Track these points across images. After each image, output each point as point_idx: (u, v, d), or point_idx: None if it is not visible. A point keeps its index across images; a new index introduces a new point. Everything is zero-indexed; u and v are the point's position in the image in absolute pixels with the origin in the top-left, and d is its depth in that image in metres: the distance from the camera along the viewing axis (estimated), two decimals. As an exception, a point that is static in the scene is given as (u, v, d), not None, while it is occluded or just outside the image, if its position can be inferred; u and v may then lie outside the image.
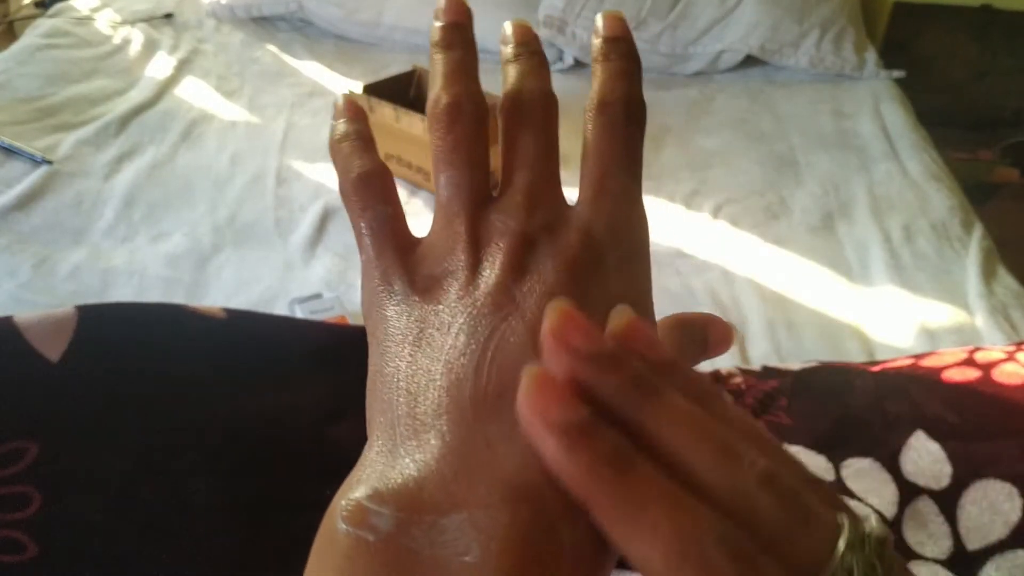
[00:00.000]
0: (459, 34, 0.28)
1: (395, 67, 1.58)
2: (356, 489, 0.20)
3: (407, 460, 0.20)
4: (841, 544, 0.17)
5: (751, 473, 0.18)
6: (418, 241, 0.26)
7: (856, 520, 0.18)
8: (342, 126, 0.28)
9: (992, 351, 0.85)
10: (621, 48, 0.27)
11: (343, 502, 0.20)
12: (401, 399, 0.22)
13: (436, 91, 0.27)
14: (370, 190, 0.26)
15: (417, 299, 0.24)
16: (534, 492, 0.19)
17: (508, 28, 0.28)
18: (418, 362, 0.22)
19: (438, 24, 0.28)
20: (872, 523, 0.18)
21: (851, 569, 0.17)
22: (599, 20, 0.27)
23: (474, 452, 0.20)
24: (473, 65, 0.28)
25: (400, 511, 0.19)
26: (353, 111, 0.29)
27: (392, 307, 0.24)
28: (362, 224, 0.25)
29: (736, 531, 0.17)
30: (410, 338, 0.23)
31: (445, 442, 0.20)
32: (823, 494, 0.19)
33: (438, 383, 0.22)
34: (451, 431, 0.20)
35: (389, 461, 0.21)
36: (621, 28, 0.27)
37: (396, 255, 0.25)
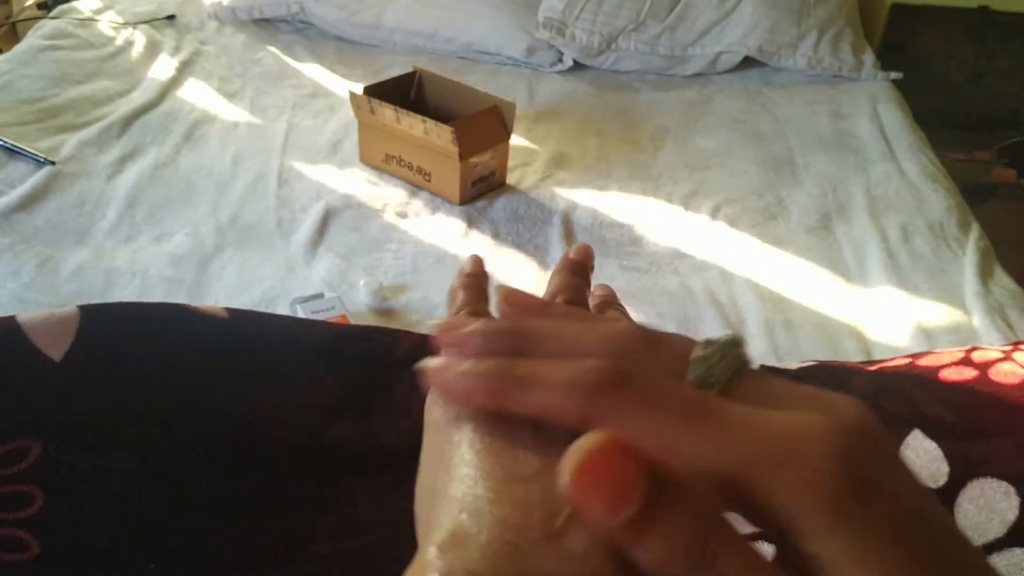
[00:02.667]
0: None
1: (396, 69, 1.59)
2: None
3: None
4: (698, 350, 0.23)
5: (607, 333, 0.24)
6: None
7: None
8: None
9: (989, 351, 0.86)
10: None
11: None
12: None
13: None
14: None
15: None
16: None
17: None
18: None
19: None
20: (725, 333, 0.24)
21: (709, 359, 0.23)
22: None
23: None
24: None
25: None
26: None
27: None
28: None
29: (608, 359, 0.21)
30: None
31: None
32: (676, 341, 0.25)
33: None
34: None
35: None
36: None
37: None
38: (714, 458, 0.20)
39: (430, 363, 0.24)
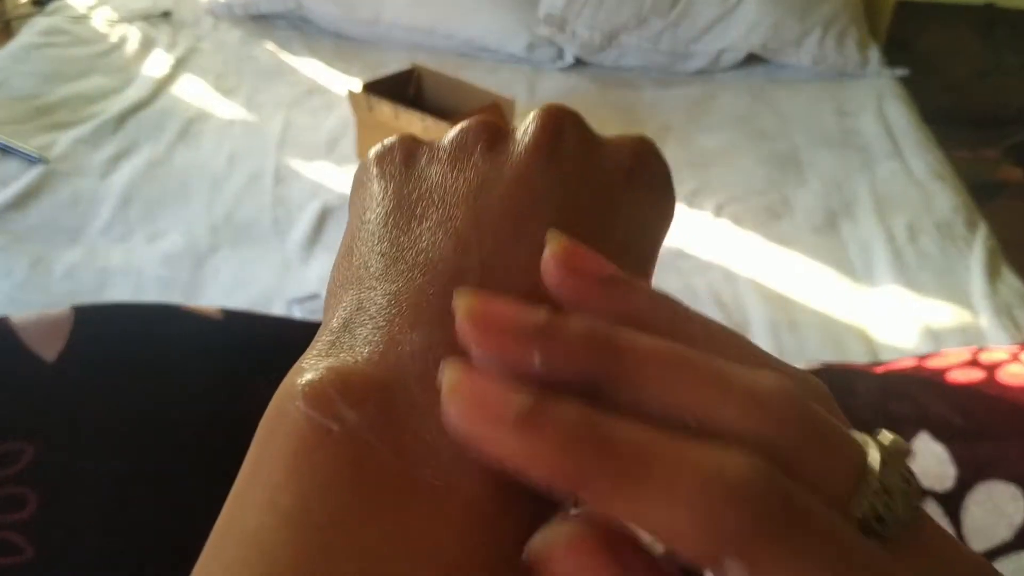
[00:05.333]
0: None
1: (394, 65, 1.58)
2: (319, 370, 0.17)
3: (397, 346, 0.18)
4: (874, 463, 0.15)
5: (754, 398, 0.15)
6: None
7: (872, 435, 0.16)
8: None
9: (997, 352, 0.84)
10: None
11: (303, 380, 0.17)
12: (416, 273, 0.19)
13: None
14: None
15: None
16: None
17: None
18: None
19: None
20: (887, 435, 0.16)
21: (889, 487, 0.15)
22: None
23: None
24: None
25: (375, 407, 0.16)
26: None
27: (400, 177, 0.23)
28: None
29: (763, 463, 0.14)
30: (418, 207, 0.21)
31: (447, 331, 0.17)
32: (831, 406, 0.17)
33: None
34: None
35: (366, 340, 0.18)
36: None
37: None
38: None
39: (454, 374, 0.15)
